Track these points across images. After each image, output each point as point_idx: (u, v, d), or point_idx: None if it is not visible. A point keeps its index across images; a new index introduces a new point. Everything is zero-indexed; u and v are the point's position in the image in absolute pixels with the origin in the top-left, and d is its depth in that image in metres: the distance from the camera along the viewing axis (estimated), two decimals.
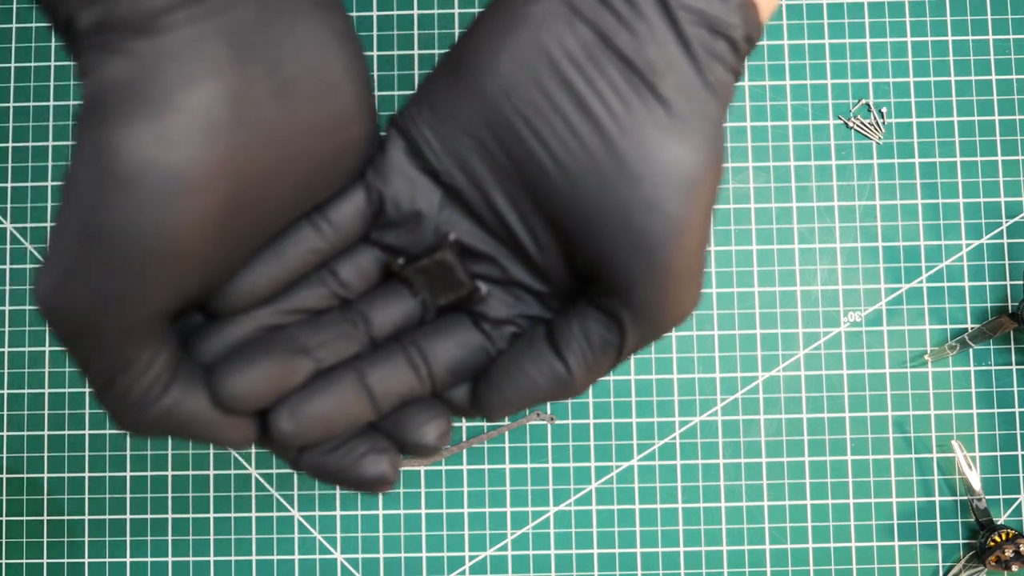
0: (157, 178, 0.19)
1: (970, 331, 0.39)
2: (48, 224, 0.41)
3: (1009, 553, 0.37)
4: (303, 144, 0.22)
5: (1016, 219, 0.40)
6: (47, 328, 0.40)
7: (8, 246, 0.41)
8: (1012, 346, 0.39)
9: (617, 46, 0.21)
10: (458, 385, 0.24)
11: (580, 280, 0.23)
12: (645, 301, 0.21)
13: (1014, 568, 0.37)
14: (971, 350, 0.39)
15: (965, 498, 0.39)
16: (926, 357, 0.39)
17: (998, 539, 0.37)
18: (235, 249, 0.22)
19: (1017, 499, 0.39)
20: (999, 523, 0.39)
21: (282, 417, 0.22)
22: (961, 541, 0.39)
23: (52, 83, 0.41)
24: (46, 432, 0.40)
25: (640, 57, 0.21)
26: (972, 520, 0.39)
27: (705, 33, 0.21)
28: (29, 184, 0.41)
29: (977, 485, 0.38)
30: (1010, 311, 0.39)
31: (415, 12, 0.41)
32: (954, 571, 0.38)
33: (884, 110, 0.40)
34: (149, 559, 0.40)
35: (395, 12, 0.41)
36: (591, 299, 0.23)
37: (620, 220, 0.21)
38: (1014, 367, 0.39)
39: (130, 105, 0.19)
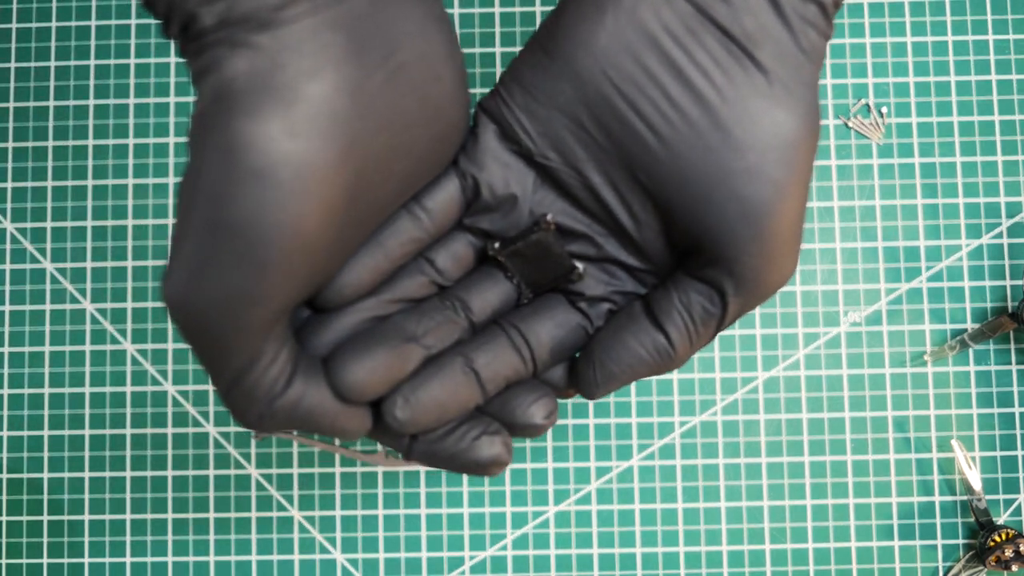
0: (288, 170, 0.19)
1: (970, 331, 0.39)
2: (48, 224, 0.41)
3: (1009, 553, 0.37)
4: (412, 132, 0.22)
5: (1016, 219, 0.40)
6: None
7: (8, 246, 0.41)
8: (1012, 346, 0.39)
9: (714, 17, 0.21)
10: (555, 366, 0.24)
11: (677, 253, 0.23)
12: (750, 269, 0.22)
13: (1014, 568, 0.37)
14: (971, 350, 0.39)
15: (965, 498, 0.39)
16: (926, 357, 0.39)
17: (998, 539, 0.37)
18: (350, 240, 0.22)
19: (1017, 499, 0.39)
20: (999, 523, 0.39)
21: (396, 405, 0.22)
22: (961, 541, 0.39)
23: (53, 83, 0.41)
24: (46, 432, 0.40)
25: (737, 27, 0.21)
26: (972, 520, 0.39)
27: (797, 0, 0.21)
28: (29, 184, 0.41)
29: (977, 485, 0.38)
30: (1010, 311, 0.39)
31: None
32: (954, 571, 0.38)
33: (884, 110, 0.40)
34: (149, 559, 0.40)
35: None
36: (690, 271, 0.23)
37: (726, 190, 0.21)
38: (1014, 367, 0.39)
39: (258, 98, 0.19)
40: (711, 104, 0.21)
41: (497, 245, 0.24)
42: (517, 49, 0.41)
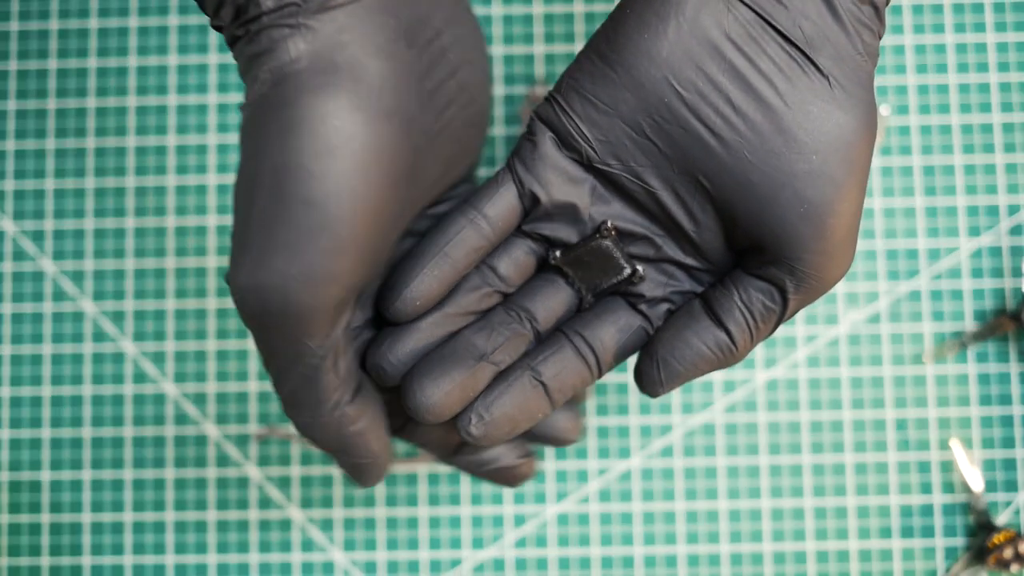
0: (360, 144, 0.19)
1: (970, 331, 0.39)
2: (48, 224, 0.41)
3: (1009, 553, 0.37)
4: (450, 113, 0.23)
5: (1016, 219, 0.40)
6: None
7: (8, 246, 0.41)
8: (1012, 346, 0.39)
9: (774, 23, 0.21)
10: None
11: (736, 252, 0.24)
12: (811, 267, 0.22)
13: (1014, 568, 0.37)
14: (971, 350, 0.39)
15: (965, 498, 0.39)
16: (926, 358, 0.39)
17: (998, 539, 0.37)
18: (402, 220, 0.23)
19: (1017, 499, 0.39)
20: (999, 523, 0.39)
21: (471, 423, 0.23)
22: (961, 541, 0.39)
23: (53, 83, 0.41)
24: (46, 432, 0.40)
25: (797, 32, 0.21)
26: (972, 520, 0.39)
27: (851, 3, 0.22)
28: (29, 184, 0.41)
29: (977, 485, 0.38)
30: (1010, 311, 0.39)
31: None
32: (954, 571, 0.38)
33: (884, 110, 0.40)
34: (149, 559, 0.40)
35: None
36: (750, 269, 0.23)
37: (790, 192, 0.22)
38: (1014, 367, 0.39)
39: (324, 76, 0.19)
40: (774, 109, 0.21)
41: (559, 253, 0.25)
42: (517, 49, 0.41)
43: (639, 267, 0.24)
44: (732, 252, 0.24)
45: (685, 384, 0.24)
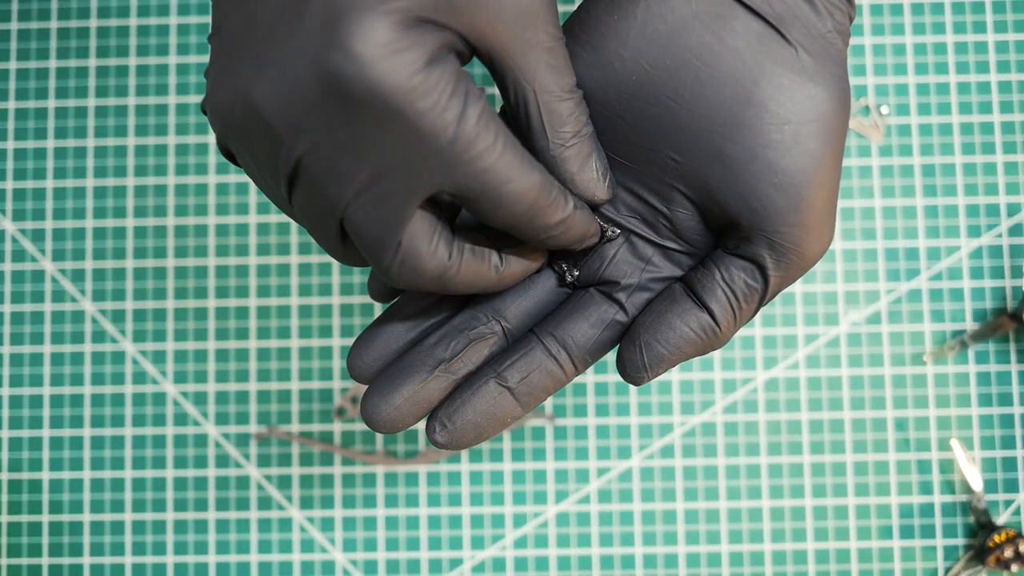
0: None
1: (970, 331, 0.39)
2: (48, 224, 0.41)
3: (1009, 553, 0.37)
4: None
5: (1016, 219, 0.40)
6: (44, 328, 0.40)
7: (8, 246, 0.41)
8: (1012, 346, 0.39)
9: (744, 1, 0.22)
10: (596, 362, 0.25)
11: (714, 232, 0.24)
12: (789, 240, 0.22)
13: (1014, 568, 0.37)
14: (971, 350, 0.39)
15: (965, 498, 0.39)
16: (926, 357, 0.39)
17: (998, 539, 0.37)
18: None
19: (1017, 499, 0.39)
20: (999, 523, 0.39)
21: (435, 431, 0.23)
22: (961, 541, 0.39)
23: (52, 83, 0.41)
24: (46, 432, 0.40)
25: (767, 9, 0.22)
26: (972, 520, 0.39)
27: None
28: (29, 184, 0.41)
29: (977, 485, 0.38)
30: (1010, 311, 0.39)
31: None
32: (954, 571, 0.38)
33: (884, 110, 0.40)
34: (149, 559, 0.40)
35: None
36: (729, 248, 0.23)
37: (763, 162, 0.22)
38: (1014, 367, 0.39)
39: None
40: (743, 80, 0.22)
41: None
42: None
43: (611, 228, 0.24)
44: (711, 233, 0.24)
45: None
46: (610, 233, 0.24)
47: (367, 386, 0.24)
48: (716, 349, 0.24)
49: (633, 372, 0.23)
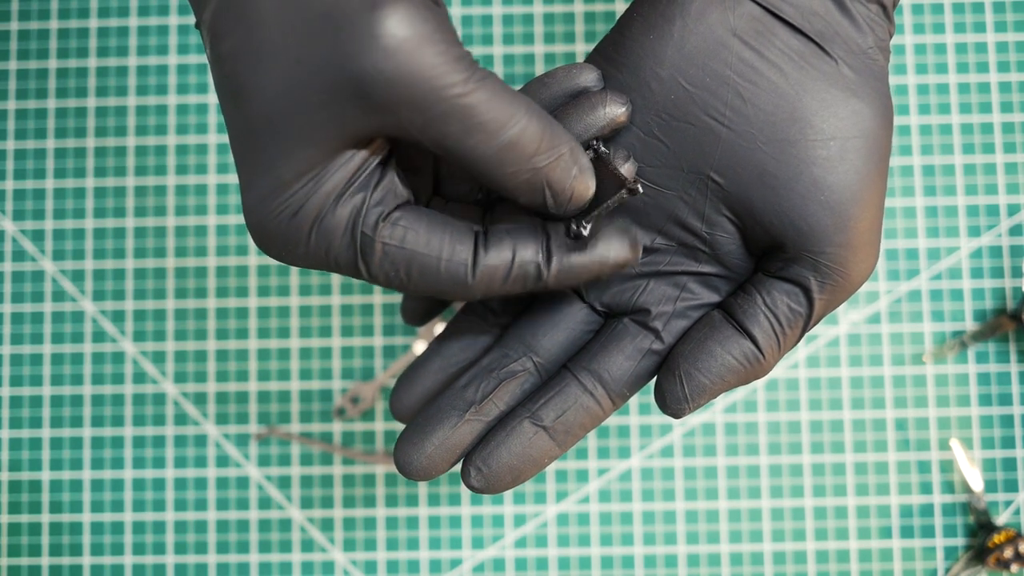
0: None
1: (970, 331, 0.39)
2: (48, 224, 0.41)
3: (1009, 553, 0.37)
4: None
5: (1016, 219, 0.40)
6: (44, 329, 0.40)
7: (8, 246, 0.41)
8: (1012, 346, 0.39)
9: (783, 16, 0.21)
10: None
11: (756, 254, 0.23)
12: (835, 261, 0.21)
13: (1014, 568, 0.37)
14: (971, 350, 0.39)
15: (965, 498, 0.39)
16: (926, 357, 0.39)
17: (998, 539, 0.37)
18: None
19: (1017, 499, 0.39)
20: (999, 523, 0.39)
21: (470, 476, 0.22)
22: (961, 541, 0.39)
23: (52, 83, 0.41)
24: (46, 432, 0.40)
25: (807, 25, 0.21)
26: (972, 520, 0.39)
27: (859, 1, 0.21)
28: (29, 184, 0.41)
29: (977, 485, 0.38)
30: (1010, 311, 0.39)
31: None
32: (954, 571, 0.38)
33: None
34: (149, 559, 0.40)
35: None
36: (771, 271, 0.22)
37: (808, 179, 0.21)
38: (1014, 367, 0.39)
39: None
40: (787, 96, 0.21)
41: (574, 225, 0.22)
42: (517, 49, 0.41)
43: (638, 183, 0.22)
44: (751, 255, 0.23)
45: (712, 395, 0.22)
46: (631, 185, 0.22)
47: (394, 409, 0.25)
48: (759, 378, 0.23)
49: (674, 404, 0.22)
